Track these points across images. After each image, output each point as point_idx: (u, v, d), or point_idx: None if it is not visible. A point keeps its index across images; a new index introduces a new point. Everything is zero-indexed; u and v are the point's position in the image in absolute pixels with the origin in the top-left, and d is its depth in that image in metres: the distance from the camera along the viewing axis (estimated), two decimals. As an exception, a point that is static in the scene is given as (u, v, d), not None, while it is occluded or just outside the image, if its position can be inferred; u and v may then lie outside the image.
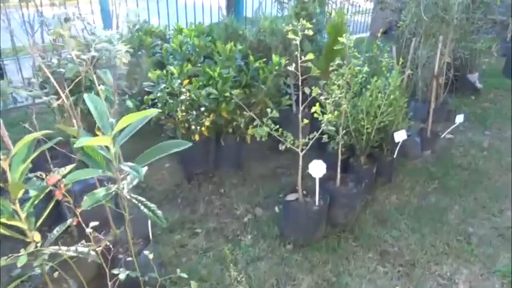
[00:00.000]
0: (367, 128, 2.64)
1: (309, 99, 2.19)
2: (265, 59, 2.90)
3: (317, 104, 2.24)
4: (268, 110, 2.21)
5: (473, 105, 4.41)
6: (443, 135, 3.35)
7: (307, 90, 2.12)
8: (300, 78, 2.12)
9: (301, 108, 2.18)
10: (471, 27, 4.15)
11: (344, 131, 2.49)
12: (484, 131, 3.83)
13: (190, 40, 3.07)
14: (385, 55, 2.93)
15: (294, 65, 2.08)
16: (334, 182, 2.54)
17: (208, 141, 2.91)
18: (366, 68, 2.66)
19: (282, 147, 2.18)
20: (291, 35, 2.05)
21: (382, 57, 2.92)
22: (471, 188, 2.94)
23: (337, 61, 2.37)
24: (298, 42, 2.03)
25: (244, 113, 2.40)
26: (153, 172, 2.84)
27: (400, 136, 2.78)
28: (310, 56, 2.04)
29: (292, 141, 2.19)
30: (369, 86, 2.64)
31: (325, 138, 2.42)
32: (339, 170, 2.51)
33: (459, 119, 3.28)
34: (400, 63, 2.81)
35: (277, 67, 2.82)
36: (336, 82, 2.38)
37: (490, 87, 4.99)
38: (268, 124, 2.15)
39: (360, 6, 7.19)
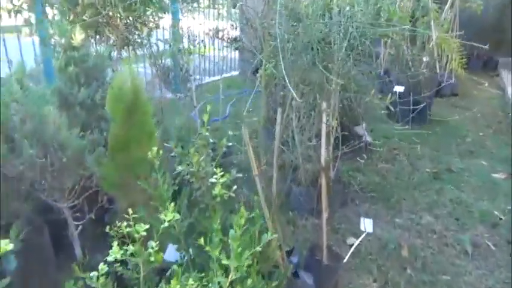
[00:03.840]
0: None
1: None
2: None
3: None
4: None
5: (369, 172, 3.31)
6: (346, 258, 2.01)
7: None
8: None
9: None
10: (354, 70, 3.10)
11: None
12: (393, 219, 2.68)
13: None
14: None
15: None
16: None
17: None
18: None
19: None
20: None
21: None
22: None
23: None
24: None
25: None
26: None
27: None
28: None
29: None
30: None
31: None
32: None
33: (367, 226, 2.01)
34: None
35: None
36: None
37: (380, 137, 4.06)
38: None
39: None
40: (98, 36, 2.25)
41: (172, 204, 1.17)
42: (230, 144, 1.52)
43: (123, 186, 1.42)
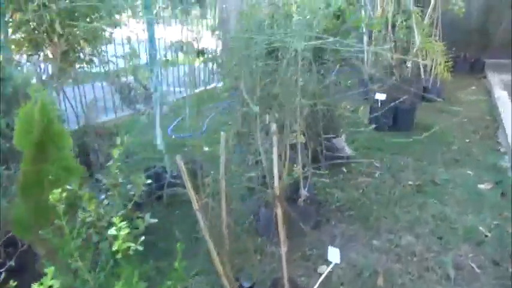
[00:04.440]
0: None
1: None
2: None
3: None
4: None
5: (348, 187, 3.11)
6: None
7: None
8: None
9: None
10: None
11: None
12: (370, 240, 2.48)
13: None
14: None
15: None
16: None
17: None
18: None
19: None
20: None
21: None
22: None
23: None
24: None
25: None
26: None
27: None
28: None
29: None
30: None
31: None
32: None
33: (334, 256, 1.81)
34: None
35: None
36: None
37: (360, 148, 3.88)
38: None
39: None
40: (38, 55, 2.06)
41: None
42: (149, 181, 1.32)
43: (36, 234, 1.23)
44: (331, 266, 1.79)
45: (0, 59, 1.84)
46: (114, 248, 0.97)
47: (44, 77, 2.06)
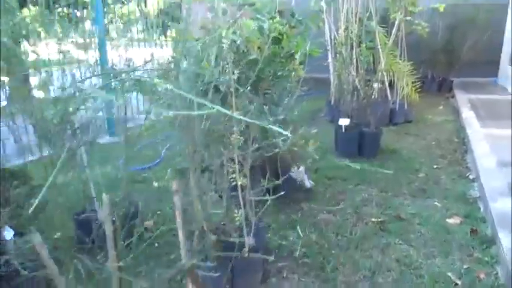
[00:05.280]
0: None
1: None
2: None
3: None
4: None
5: (305, 227, 2.78)
6: None
7: None
8: None
9: None
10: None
11: None
12: (326, 296, 2.15)
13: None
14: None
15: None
16: None
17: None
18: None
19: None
20: None
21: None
22: None
23: None
24: None
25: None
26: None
27: None
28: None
29: None
30: None
31: None
32: None
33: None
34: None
35: None
36: None
37: (323, 178, 3.59)
38: None
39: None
40: None
41: None
42: None
43: None
44: None
45: None
46: None
47: None
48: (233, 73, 1.76)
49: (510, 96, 6.49)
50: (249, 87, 1.96)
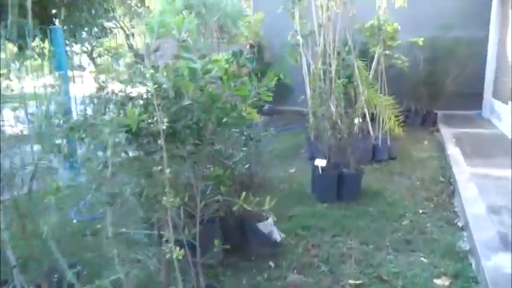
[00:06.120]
0: None
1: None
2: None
3: None
4: None
5: (270, 292, 2.39)
6: None
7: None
8: None
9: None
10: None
11: None
12: None
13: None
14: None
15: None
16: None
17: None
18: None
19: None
20: None
21: None
22: None
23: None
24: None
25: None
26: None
27: None
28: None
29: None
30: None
31: None
32: None
33: None
34: None
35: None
36: None
37: (297, 228, 3.21)
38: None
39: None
40: None
41: None
42: None
43: None
44: None
45: None
46: None
47: None
48: (162, 122, 1.43)
49: (495, 130, 6.30)
50: (189, 138, 1.63)
